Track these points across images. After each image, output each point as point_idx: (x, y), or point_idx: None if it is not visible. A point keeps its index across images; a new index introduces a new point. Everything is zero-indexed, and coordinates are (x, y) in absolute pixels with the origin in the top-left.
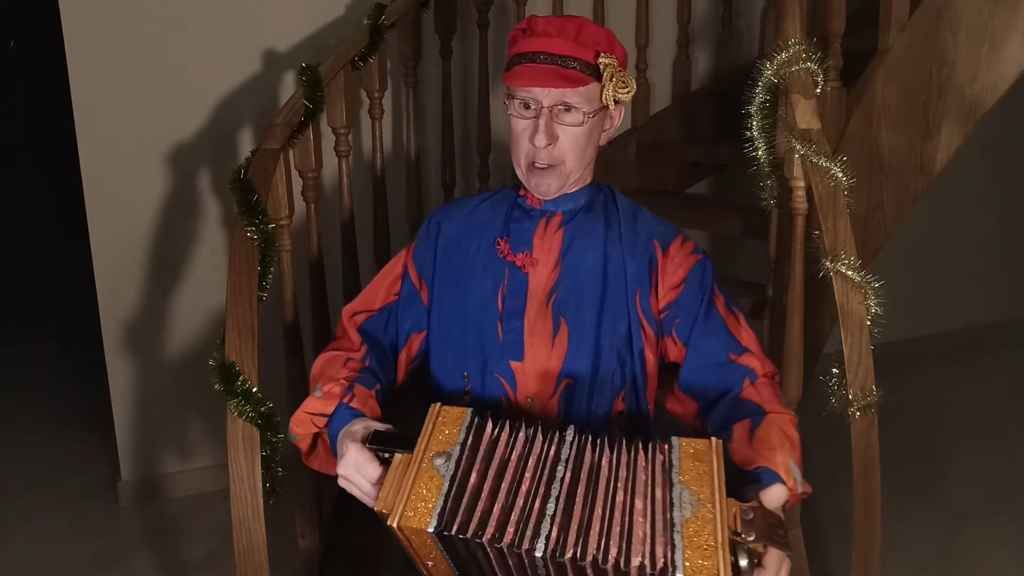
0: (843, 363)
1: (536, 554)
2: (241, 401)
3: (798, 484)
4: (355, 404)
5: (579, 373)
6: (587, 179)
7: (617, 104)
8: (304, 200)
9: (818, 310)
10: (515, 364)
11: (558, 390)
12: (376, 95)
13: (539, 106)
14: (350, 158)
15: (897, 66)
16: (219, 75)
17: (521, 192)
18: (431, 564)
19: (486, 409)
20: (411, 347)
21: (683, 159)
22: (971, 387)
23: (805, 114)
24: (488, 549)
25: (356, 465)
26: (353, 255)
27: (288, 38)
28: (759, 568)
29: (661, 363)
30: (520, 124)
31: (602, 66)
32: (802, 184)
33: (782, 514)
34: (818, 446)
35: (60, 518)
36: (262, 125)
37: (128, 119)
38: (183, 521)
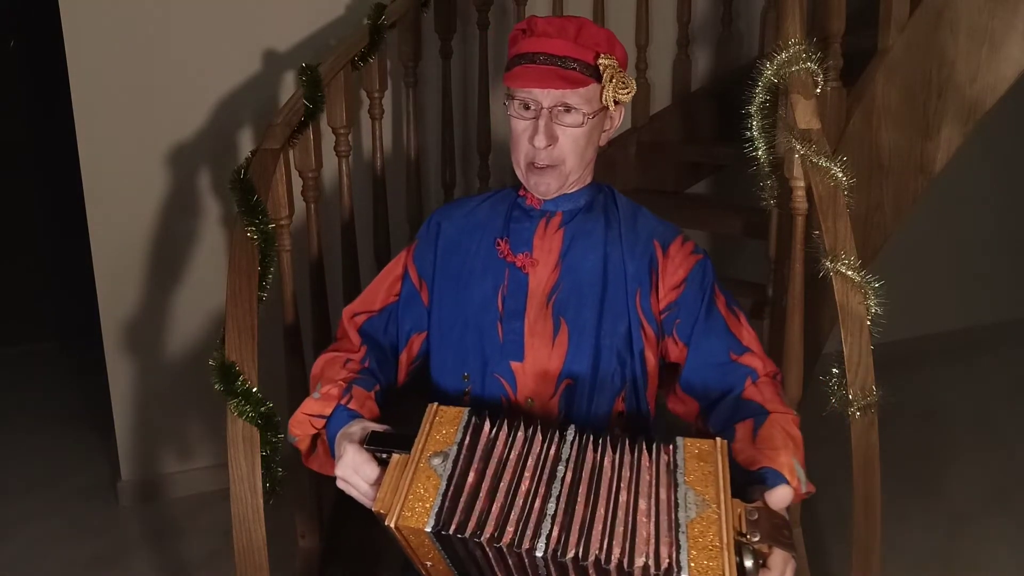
0: (843, 363)
1: (537, 554)
2: (241, 401)
3: (802, 484)
4: (353, 405)
5: (579, 373)
6: (587, 179)
7: (617, 105)
8: (304, 200)
9: (818, 310)
10: (515, 364)
11: (558, 390)
12: (376, 95)
13: (539, 107)
14: (350, 158)
15: (897, 66)
16: (219, 75)
17: (521, 192)
18: (430, 564)
19: (485, 409)
20: (412, 348)
21: (683, 159)
22: (971, 387)
23: (805, 114)
24: (487, 549)
25: (354, 466)
26: (353, 255)
27: (288, 38)
28: (764, 569)
29: (662, 363)
30: (520, 125)
31: (602, 67)
32: (802, 184)
33: (787, 515)
34: (818, 446)
35: (60, 518)
36: (262, 125)
37: (128, 119)
38: (183, 521)
